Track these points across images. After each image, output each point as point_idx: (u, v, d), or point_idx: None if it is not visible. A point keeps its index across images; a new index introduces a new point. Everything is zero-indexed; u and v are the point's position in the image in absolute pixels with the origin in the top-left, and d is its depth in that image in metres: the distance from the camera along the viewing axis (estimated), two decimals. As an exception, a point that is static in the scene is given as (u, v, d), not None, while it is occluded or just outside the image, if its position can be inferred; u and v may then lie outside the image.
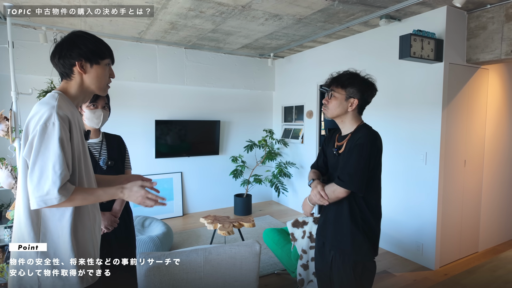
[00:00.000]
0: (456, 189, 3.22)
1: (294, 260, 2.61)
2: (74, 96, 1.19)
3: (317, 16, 3.19)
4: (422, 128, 3.16)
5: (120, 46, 4.16)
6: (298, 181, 5.05)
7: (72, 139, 1.11)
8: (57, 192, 1.03)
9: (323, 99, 1.64)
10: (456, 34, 3.04)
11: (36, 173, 1.04)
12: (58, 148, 1.04)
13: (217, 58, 4.92)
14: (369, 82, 1.58)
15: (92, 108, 1.71)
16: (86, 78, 1.18)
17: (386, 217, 3.48)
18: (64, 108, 1.10)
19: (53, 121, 1.04)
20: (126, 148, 1.95)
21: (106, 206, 1.81)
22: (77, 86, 1.19)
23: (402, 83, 3.33)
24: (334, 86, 1.59)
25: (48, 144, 1.04)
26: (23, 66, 3.65)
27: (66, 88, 1.18)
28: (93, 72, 1.18)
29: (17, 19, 3.35)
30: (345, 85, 1.55)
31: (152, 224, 3.57)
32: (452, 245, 3.24)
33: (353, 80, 1.56)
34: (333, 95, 1.58)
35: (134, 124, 4.42)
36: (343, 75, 1.59)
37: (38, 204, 1.04)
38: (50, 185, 1.03)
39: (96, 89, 1.22)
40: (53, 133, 1.04)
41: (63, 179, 1.04)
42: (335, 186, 1.50)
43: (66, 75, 1.18)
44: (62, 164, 1.04)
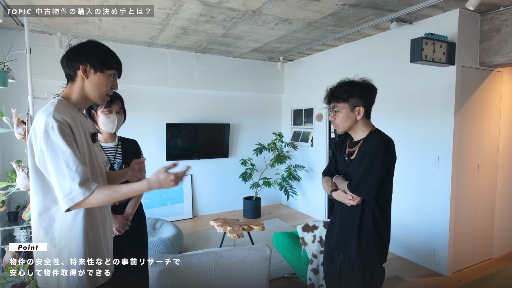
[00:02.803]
0: (469, 194, 3.17)
1: (304, 264, 2.60)
2: (76, 101, 1.22)
3: (327, 20, 3.19)
4: (434, 132, 3.12)
5: (132, 51, 4.24)
6: (308, 184, 5.04)
7: (75, 141, 1.13)
8: (78, 187, 1.05)
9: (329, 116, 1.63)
10: (469, 37, 3.00)
11: (55, 177, 1.07)
12: (65, 146, 1.07)
13: (227, 62, 4.96)
14: (367, 85, 1.57)
15: (106, 113, 1.75)
16: (87, 84, 1.21)
17: (397, 222, 3.45)
18: (63, 113, 1.12)
19: (51, 125, 1.08)
20: (141, 152, 1.99)
21: (119, 208, 1.84)
22: (79, 91, 1.21)
23: (414, 86, 3.30)
24: (335, 102, 1.57)
25: (54, 147, 1.07)
26: (39, 71, 3.75)
27: (68, 94, 1.22)
28: (95, 79, 1.21)
29: (34, 26, 3.45)
30: (345, 98, 1.54)
31: (163, 226, 3.61)
32: (465, 251, 3.18)
33: (351, 90, 1.54)
34: (337, 111, 1.57)
35: (145, 127, 4.49)
36: (339, 89, 1.57)
37: (67, 204, 1.06)
38: (70, 182, 1.06)
39: (94, 96, 1.23)
40: (55, 136, 1.07)
41: (80, 173, 1.07)
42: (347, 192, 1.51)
43: (71, 78, 1.22)
44: (75, 160, 1.07)
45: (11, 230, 3.45)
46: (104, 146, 1.83)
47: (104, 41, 3.78)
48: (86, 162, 1.19)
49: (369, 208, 1.52)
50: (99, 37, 3.81)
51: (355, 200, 1.50)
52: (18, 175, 2.20)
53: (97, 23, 3.35)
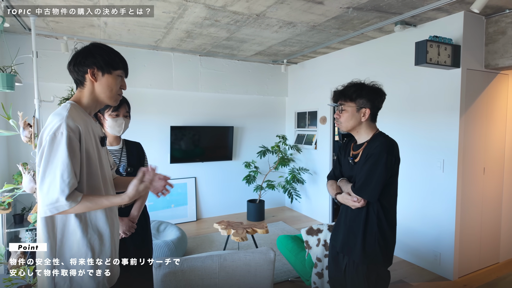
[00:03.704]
0: (475, 197, 3.14)
1: (309, 268, 2.59)
2: (86, 105, 1.23)
3: (331, 23, 3.19)
4: (439, 135, 3.10)
5: (137, 54, 4.27)
6: (312, 187, 5.02)
7: (82, 148, 1.14)
8: (65, 200, 1.07)
9: (335, 113, 1.63)
10: (474, 40, 2.99)
11: (46, 182, 1.08)
12: (66, 157, 1.07)
13: (231, 65, 4.98)
14: (376, 89, 1.58)
15: (114, 116, 1.77)
16: (97, 87, 1.22)
17: (402, 225, 3.42)
18: (76, 117, 1.13)
19: (61, 131, 1.08)
20: (145, 154, 2.00)
21: (125, 211, 1.85)
22: (89, 95, 1.22)
23: (418, 89, 3.29)
24: (342, 100, 1.58)
25: (56, 153, 1.08)
26: (46, 75, 3.79)
27: (79, 98, 1.23)
28: (104, 81, 1.21)
29: (41, 30, 3.49)
30: (354, 98, 1.55)
31: (167, 229, 3.61)
32: (471, 255, 3.15)
33: (360, 91, 1.55)
34: (343, 109, 1.57)
35: (150, 129, 4.51)
36: (349, 88, 1.58)
37: (51, 211, 1.08)
38: (59, 193, 1.06)
39: (106, 98, 1.24)
40: (61, 142, 1.07)
41: (71, 187, 1.08)
42: (352, 194, 1.51)
43: (80, 82, 1.22)
44: (70, 173, 1.08)
45: (17, 232, 3.47)
46: (109, 149, 1.85)
47: (110, 45, 3.80)
48: (97, 164, 1.20)
49: (374, 211, 1.52)
50: (105, 40, 3.84)
51: (360, 202, 1.49)
52: (24, 177, 2.23)
53: (102, 27, 3.38)
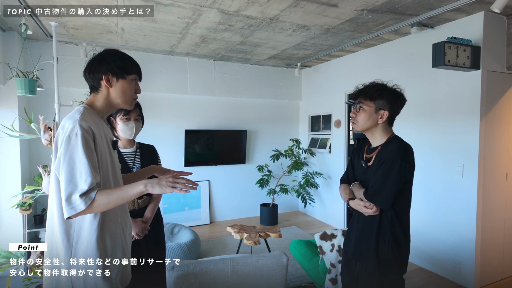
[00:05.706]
0: (497, 203, 3.02)
1: (322, 273, 2.55)
2: (100, 109, 1.26)
3: (346, 25, 3.17)
4: (458, 139, 3.01)
5: (153, 59, 4.36)
6: (326, 192, 4.96)
7: (97, 149, 1.15)
8: (79, 198, 1.07)
9: (351, 112, 1.60)
10: (495, 40, 2.89)
11: (65, 183, 1.09)
12: (83, 157, 1.09)
13: (244, 69, 5.01)
14: (398, 93, 1.54)
15: (125, 120, 1.80)
16: (112, 92, 1.24)
17: (419, 232, 3.33)
18: (88, 120, 1.15)
19: (75, 132, 1.10)
20: (158, 157, 2.03)
21: (138, 213, 1.88)
22: (103, 99, 1.25)
23: (436, 92, 3.20)
24: (362, 98, 1.54)
25: (72, 154, 1.09)
26: (66, 80, 3.92)
27: (92, 102, 1.26)
28: (119, 86, 1.24)
29: (61, 37, 3.62)
30: (374, 97, 1.51)
31: (181, 232, 3.64)
32: (493, 264, 3.02)
33: (381, 91, 1.51)
34: (361, 108, 1.53)
35: (165, 133, 4.58)
36: (370, 87, 1.55)
37: (69, 212, 1.08)
38: (77, 192, 1.08)
39: (122, 103, 1.27)
40: (77, 143, 1.09)
41: (89, 185, 1.09)
42: (364, 200, 1.48)
43: (95, 89, 1.26)
44: (88, 172, 1.09)
45: (37, 232, 3.58)
46: (123, 152, 1.88)
47: (127, 50, 3.90)
48: (108, 167, 1.21)
49: (387, 218, 1.48)
50: (122, 46, 3.94)
51: (372, 209, 1.46)
52: (44, 179, 2.30)
53: (120, 33, 3.48)
